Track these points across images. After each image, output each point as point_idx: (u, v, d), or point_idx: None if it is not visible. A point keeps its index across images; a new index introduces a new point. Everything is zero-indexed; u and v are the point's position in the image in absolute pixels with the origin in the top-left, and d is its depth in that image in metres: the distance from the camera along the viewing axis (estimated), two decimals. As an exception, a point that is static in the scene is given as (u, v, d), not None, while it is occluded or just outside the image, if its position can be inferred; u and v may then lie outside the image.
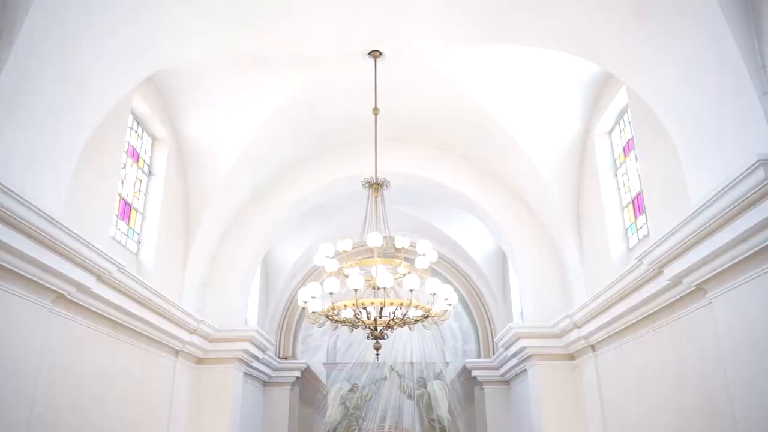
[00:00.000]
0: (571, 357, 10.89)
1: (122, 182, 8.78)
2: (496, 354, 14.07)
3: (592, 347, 10.06)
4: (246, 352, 11.34)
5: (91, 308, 7.36)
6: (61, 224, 6.17)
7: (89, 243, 6.64)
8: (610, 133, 9.78)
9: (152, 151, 9.86)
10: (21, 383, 6.04)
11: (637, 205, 8.85)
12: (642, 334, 8.34)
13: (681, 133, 6.60)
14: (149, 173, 9.77)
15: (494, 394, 14.58)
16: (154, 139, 9.89)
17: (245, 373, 12.16)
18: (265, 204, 11.77)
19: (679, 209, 6.72)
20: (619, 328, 8.88)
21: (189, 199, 10.59)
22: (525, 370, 12.07)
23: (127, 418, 8.44)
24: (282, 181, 11.79)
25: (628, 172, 9.14)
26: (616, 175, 9.62)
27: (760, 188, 5.13)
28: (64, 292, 6.60)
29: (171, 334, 9.50)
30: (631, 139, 8.88)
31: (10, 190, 5.46)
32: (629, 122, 8.88)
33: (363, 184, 8.21)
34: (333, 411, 14.52)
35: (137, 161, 9.35)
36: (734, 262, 5.79)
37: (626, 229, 9.33)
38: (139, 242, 9.43)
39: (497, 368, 14.36)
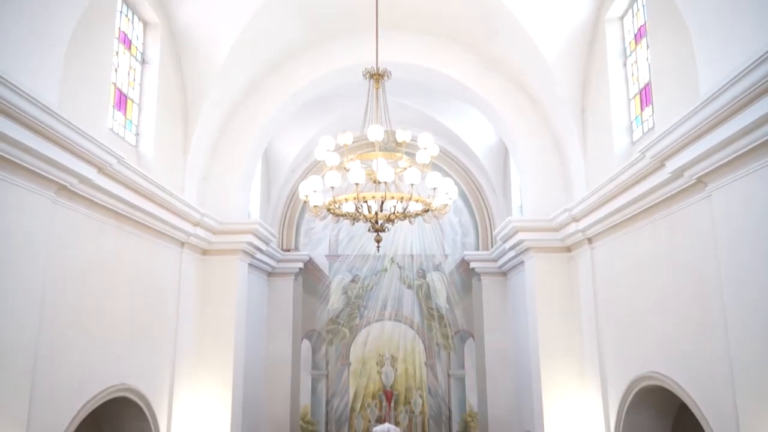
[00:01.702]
0: (568, 249, 11.15)
1: (116, 71, 8.53)
2: (495, 247, 14.41)
3: (589, 240, 10.26)
4: (249, 244, 11.60)
5: (95, 200, 7.43)
6: (57, 114, 6.09)
7: (87, 134, 6.58)
8: (621, 18, 9.35)
9: (145, 38, 9.49)
10: (31, 273, 6.25)
11: (645, 96, 8.66)
12: (639, 227, 8.48)
13: (696, 17, 6.30)
14: (143, 61, 9.47)
15: (491, 285, 15.12)
16: (145, 24, 9.48)
17: (250, 264, 12.52)
18: (264, 95, 11.51)
19: (687, 101, 6.58)
20: (617, 222, 9.01)
21: (186, 90, 10.34)
22: (522, 262, 12.40)
23: (137, 307, 8.80)
24: (280, 71, 11.44)
25: (638, 61, 8.85)
26: (625, 65, 9.32)
27: (771, 78, 4.99)
28: (66, 184, 6.63)
29: (175, 226, 9.67)
30: (644, 25, 8.51)
31: (5, 80, 5.34)
32: (643, 6, 8.48)
33: (364, 75, 7.95)
34: (335, 300, 15.15)
35: (129, 48, 9.03)
36: (737, 154, 5.77)
37: (631, 122, 9.19)
38: (138, 134, 9.34)
39: (495, 260, 14.77)
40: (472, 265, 15.22)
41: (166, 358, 9.81)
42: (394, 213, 7.00)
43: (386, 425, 11.71)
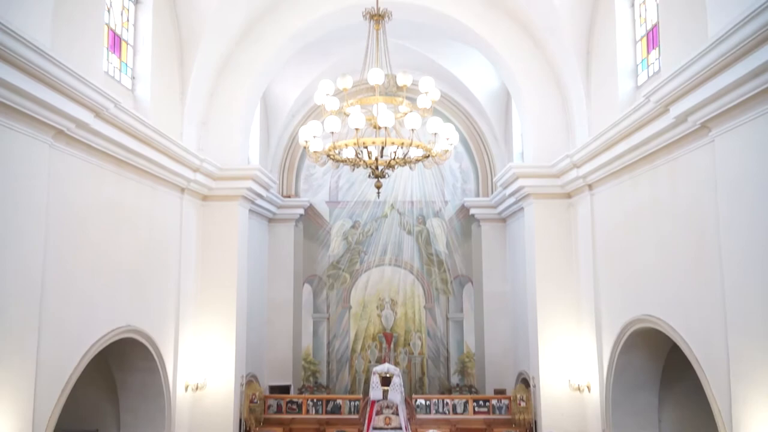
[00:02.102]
0: (568, 196, 11.16)
1: (108, 11, 8.30)
2: (495, 193, 14.43)
3: (589, 186, 10.26)
4: (250, 190, 11.60)
5: (93, 145, 7.38)
6: (51, 56, 5.97)
7: (82, 77, 6.47)
8: (630, -44, 9.04)
9: (137, -23, 9.20)
10: (32, 219, 6.28)
11: (652, 39, 8.47)
12: (639, 173, 8.46)
13: (709, -44, 6.08)
14: (136, 1, 9.19)
15: (490, 231, 15.22)
16: (137, -38, 9.17)
17: (250, 210, 12.57)
18: (262, 37, 11.24)
19: (694, 43, 6.43)
20: (618, 168, 8.99)
21: (181, 31, 10.09)
22: (522, 209, 12.45)
23: (140, 252, 8.89)
24: (278, 12, 11.14)
25: (647, 1, 8.61)
26: (632, 5, 9.07)
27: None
28: (63, 128, 6.57)
29: (175, 172, 9.64)
30: (654, -37, 8.23)
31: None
32: (653, -56, 8.18)
33: (363, 16, 7.73)
34: (336, 245, 15.29)
35: (121, -13, 8.76)
36: (742, 99, 5.70)
37: (637, 66, 9.02)
38: (134, 78, 9.18)
39: (495, 207, 14.81)
40: (472, 211, 15.28)
41: (170, 301, 10.00)
42: (394, 159, 6.96)
43: (386, 365, 12.04)
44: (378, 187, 7.17)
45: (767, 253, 5.57)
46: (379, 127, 6.85)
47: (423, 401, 12.10)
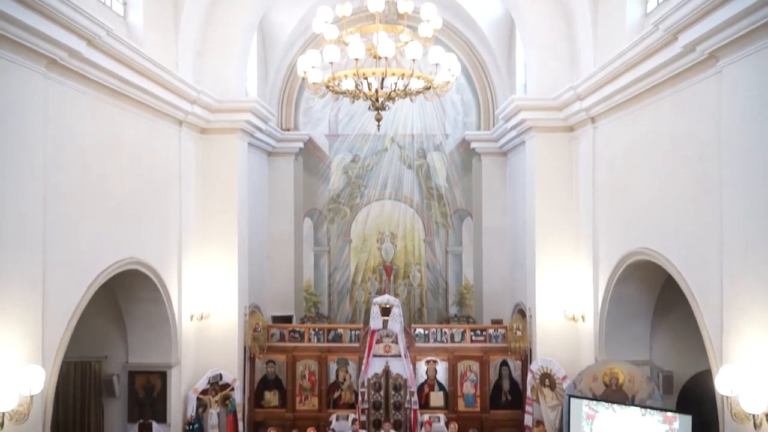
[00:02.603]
0: (570, 129, 11.05)
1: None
2: (496, 126, 14.26)
3: (592, 119, 10.13)
4: (248, 122, 11.47)
5: (88, 75, 7.23)
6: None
7: (73, 3, 6.24)
8: None
9: None
10: (30, 152, 6.23)
11: (663, -36, 8.11)
12: (643, 105, 8.34)
13: None
14: None
15: (491, 165, 15.15)
16: None
17: (249, 144, 12.47)
18: (257, -37, 10.79)
19: (707, -32, 6.17)
20: (622, 100, 8.84)
21: (173, -44, 9.68)
22: (523, 142, 12.34)
23: (140, 185, 8.90)
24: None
25: (659, -76, 8.20)
26: (644, -72, 8.66)
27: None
28: (55, 57, 6.41)
29: (172, 104, 9.49)
30: None
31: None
32: None
33: (363, -62, 7.38)
34: (336, 179, 15.27)
35: None
36: (752, 27, 5.55)
37: (646, -8, 8.71)
38: (125, 3, 8.87)
39: (496, 140, 14.68)
40: (473, 145, 15.15)
41: (172, 234, 10.10)
42: (394, 90, 6.84)
43: (386, 296, 12.30)
44: (378, 119, 7.09)
45: (768, 185, 5.58)
46: (380, 57, 6.69)
47: (422, 330, 12.44)
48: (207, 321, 11.19)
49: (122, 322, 9.88)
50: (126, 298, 9.59)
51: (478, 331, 12.39)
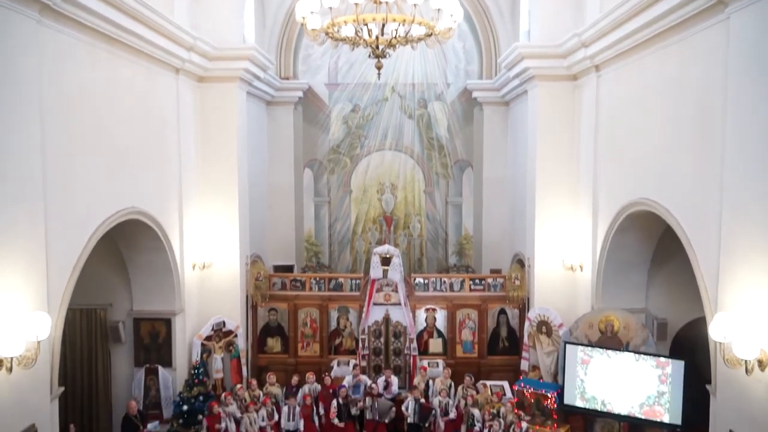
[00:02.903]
0: (573, 78, 10.88)
1: None
2: (499, 75, 14.04)
3: (596, 67, 9.97)
4: (246, 71, 11.28)
5: (82, 21, 7.05)
6: None
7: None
8: None
9: None
10: (26, 100, 6.14)
11: None
12: (649, 53, 8.18)
13: None
14: None
15: (493, 115, 14.98)
16: None
17: (248, 93, 12.31)
18: None
19: None
20: (627, 47, 8.68)
21: None
22: (526, 92, 12.18)
23: (138, 134, 8.83)
24: None
25: None
26: None
27: None
28: (48, 2, 6.25)
29: (168, 50, 9.31)
30: None
31: None
32: None
33: None
34: (336, 130, 15.14)
35: None
36: (765, -29, 5.39)
37: (656, -66, 8.40)
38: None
39: (498, 90, 14.47)
40: (475, 94, 14.94)
41: (172, 184, 10.10)
42: (395, 37, 6.69)
43: (386, 246, 12.40)
44: (378, 67, 6.96)
45: (771, 135, 5.54)
46: (380, 2, 6.52)
47: (421, 280, 12.61)
48: (209, 270, 11.33)
49: (126, 271, 10.01)
50: (128, 247, 9.68)
51: (477, 281, 12.56)
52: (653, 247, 9.80)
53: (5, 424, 5.82)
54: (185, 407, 9.79)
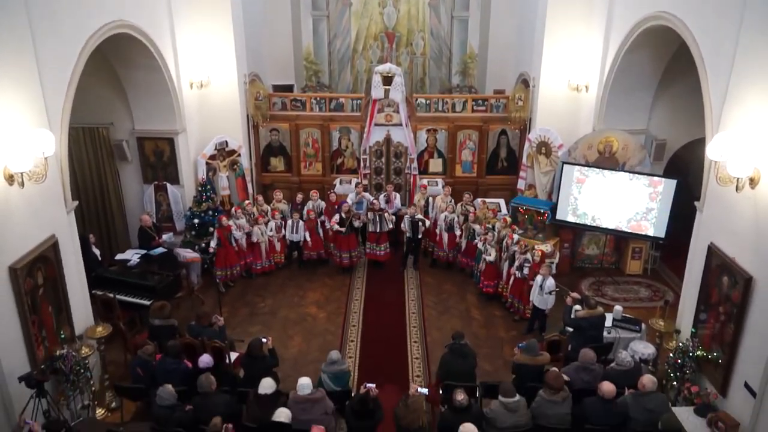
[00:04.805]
0: None
1: None
2: None
3: None
4: None
5: None
6: None
7: None
8: None
9: None
10: None
11: None
12: None
13: None
14: None
15: None
16: None
17: None
18: None
19: None
20: None
21: None
22: None
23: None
24: None
25: None
26: None
27: None
28: None
29: None
30: None
31: None
32: None
33: None
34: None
35: None
36: None
37: None
38: None
39: None
40: None
41: (160, -4, 9.49)
42: None
43: (388, 65, 11.97)
44: None
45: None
46: None
47: (423, 100, 12.42)
48: (207, 89, 11.14)
49: (124, 92, 9.85)
50: (122, 65, 9.41)
51: (480, 101, 12.39)
52: (662, 67, 9.51)
53: (28, 235, 6.17)
54: (196, 221, 10.31)
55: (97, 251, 9.32)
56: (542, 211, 10.31)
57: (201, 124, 11.25)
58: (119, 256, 9.64)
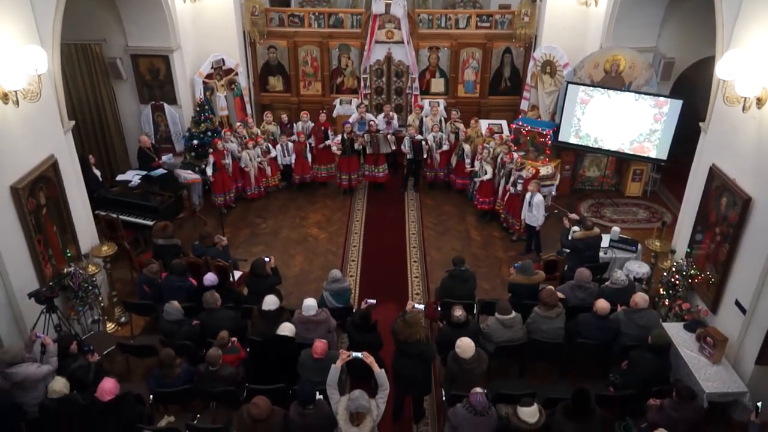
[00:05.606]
0: None
1: None
2: None
3: None
4: None
5: None
6: None
7: None
8: None
9: None
10: None
11: None
12: None
13: None
14: None
15: None
16: None
17: None
18: None
19: None
20: None
21: None
22: None
23: None
24: None
25: None
26: None
27: None
28: None
29: None
30: None
31: None
32: None
33: None
34: None
35: None
36: None
37: None
38: None
39: None
40: None
41: None
42: None
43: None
44: None
45: None
46: None
47: (426, 16, 11.96)
48: (201, 4, 10.73)
49: (116, 6, 9.49)
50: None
51: (484, 17, 11.93)
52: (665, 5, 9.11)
53: (26, 154, 6.15)
54: (195, 141, 10.22)
55: (97, 172, 9.32)
56: (544, 132, 10.19)
57: (196, 41, 10.92)
58: (120, 177, 9.65)
